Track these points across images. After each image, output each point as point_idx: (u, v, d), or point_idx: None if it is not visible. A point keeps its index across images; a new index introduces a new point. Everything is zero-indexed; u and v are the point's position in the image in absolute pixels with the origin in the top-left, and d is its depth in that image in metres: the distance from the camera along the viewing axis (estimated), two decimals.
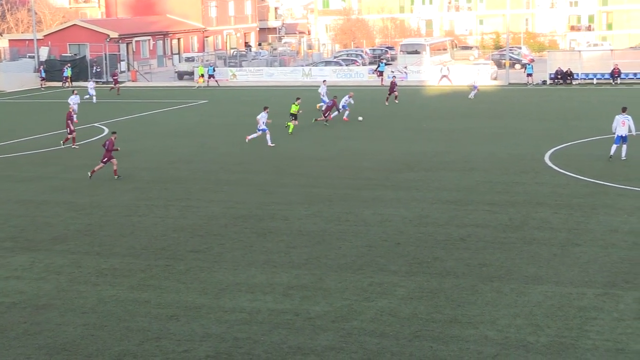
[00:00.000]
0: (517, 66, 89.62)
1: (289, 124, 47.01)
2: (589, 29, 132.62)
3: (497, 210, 27.77)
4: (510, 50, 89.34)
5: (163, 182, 34.27)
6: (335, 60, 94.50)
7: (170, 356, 16.67)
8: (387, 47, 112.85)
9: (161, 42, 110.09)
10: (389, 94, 61.75)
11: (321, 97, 57.13)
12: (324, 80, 62.20)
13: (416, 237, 24.96)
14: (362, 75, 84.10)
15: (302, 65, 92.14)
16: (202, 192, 32.24)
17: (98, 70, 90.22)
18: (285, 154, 40.53)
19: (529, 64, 79.30)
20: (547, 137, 43.15)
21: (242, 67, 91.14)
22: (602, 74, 74.44)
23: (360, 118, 52.34)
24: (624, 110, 36.77)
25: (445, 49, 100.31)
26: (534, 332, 17.35)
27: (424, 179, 33.45)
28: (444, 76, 77.62)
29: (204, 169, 37.07)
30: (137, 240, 25.43)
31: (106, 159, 35.23)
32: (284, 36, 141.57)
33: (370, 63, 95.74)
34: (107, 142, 35.40)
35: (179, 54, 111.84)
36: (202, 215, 28.39)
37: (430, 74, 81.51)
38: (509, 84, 77.21)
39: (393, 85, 62.15)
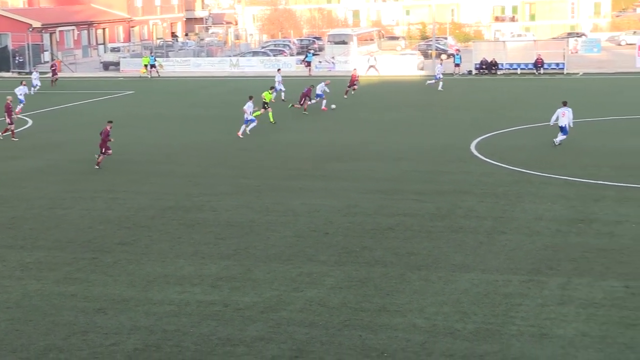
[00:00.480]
0: (444, 56, 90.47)
1: (257, 113, 46.45)
2: (512, 19, 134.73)
3: (424, 200, 28.04)
4: (437, 40, 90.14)
5: (90, 174, 33.81)
6: (262, 50, 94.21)
7: (97, 350, 16.48)
8: (314, 38, 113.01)
9: (86, 32, 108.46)
10: (349, 87, 59.49)
11: (277, 84, 56.96)
12: (279, 69, 61.86)
13: (345, 226, 25.06)
14: (289, 65, 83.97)
15: (230, 56, 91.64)
16: (129, 183, 31.90)
17: (21, 60, 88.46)
18: (213, 145, 40.32)
19: (456, 54, 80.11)
20: (473, 127, 43.68)
21: (168, 57, 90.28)
22: (526, 64, 75.56)
23: (333, 106, 52.36)
24: (564, 103, 37.40)
25: (372, 40, 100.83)
26: (461, 319, 17.58)
27: (352, 169, 33.60)
28: (372, 66, 78.00)
29: (131, 161, 36.67)
30: (62, 233, 25.06)
31: (104, 148, 35.02)
32: (211, 26, 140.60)
33: (298, 53, 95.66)
34: (103, 131, 35.15)
35: (104, 44, 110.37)
36: (129, 207, 28.09)
37: (357, 64, 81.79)
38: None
39: (354, 78, 59.96)
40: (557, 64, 75.35)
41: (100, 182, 32.07)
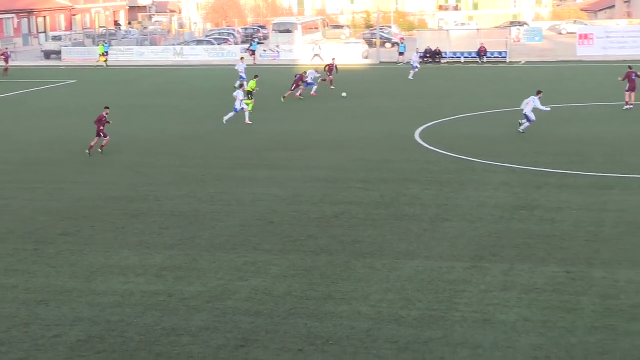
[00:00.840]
0: (388, 45, 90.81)
1: (247, 102, 45.96)
2: (456, 8, 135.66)
3: (369, 188, 28.15)
4: (381, 29, 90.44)
5: (31, 164, 33.38)
6: (207, 39, 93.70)
7: (39, 342, 16.29)
8: (259, 26, 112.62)
9: (26, 20, 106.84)
10: (329, 75, 57.62)
11: (240, 74, 56.69)
12: (242, 58, 61.38)
13: (290, 215, 25.07)
14: (234, 54, 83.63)
15: (174, 45, 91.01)
16: (72, 173, 31.55)
17: None
18: (156, 135, 40.03)
19: (401, 43, 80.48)
20: (417, 115, 43.93)
21: (111, 46, 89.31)
22: (470, 53, 76.22)
23: (344, 94, 52.58)
24: (538, 93, 37.75)
25: (317, 28, 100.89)
26: (406, 306, 17.70)
27: (297, 158, 33.61)
28: (316, 55, 78.02)
29: (74, 151, 36.25)
30: (3, 224, 24.70)
31: (101, 134, 35.08)
32: (154, 15, 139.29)
33: (243, 42, 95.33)
34: (98, 117, 35.20)
35: (45, 32, 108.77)
36: (71, 197, 27.79)
37: (302, 53, 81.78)
38: (380, 62, 78.19)
39: (331, 68, 58.39)
40: (500, 53, 76.08)
41: (42, 173, 31.66)
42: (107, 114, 35.34)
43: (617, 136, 36.56)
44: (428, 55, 76.14)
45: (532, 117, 37.17)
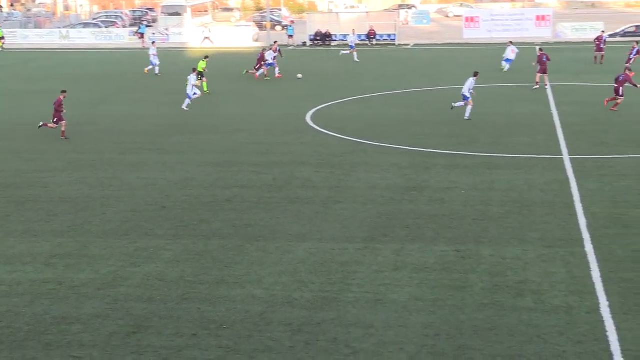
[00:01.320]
0: (278, 28, 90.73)
1: (203, 84, 45.13)
2: None
3: (261, 171, 28.14)
4: (271, 12, 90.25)
5: None
6: (94, 22, 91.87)
7: None
8: (147, 9, 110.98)
9: None
10: (257, 67, 53.82)
11: (151, 58, 55.73)
12: (153, 42, 60.09)
13: (182, 200, 24.87)
14: (122, 37, 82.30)
15: (59, 28, 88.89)
16: None
17: None
18: (45, 120, 39.06)
19: (290, 26, 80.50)
20: (308, 98, 44.07)
21: None
22: (359, 35, 76.73)
23: (299, 75, 52.43)
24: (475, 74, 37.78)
25: (206, 11, 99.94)
26: (299, 288, 17.80)
27: (189, 142, 33.33)
28: (206, 38, 77.40)
29: None
30: None
31: (56, 119, 34.20)
32: None
33: (131, 25, 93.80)
34: (56, 101, 34.27)
35: None
36: None
37: (192, 36, 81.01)
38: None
39: (262, 57, 54.73)
40: (389, 35, 76.92)
41: None
42: (64, 97, 34.61)
43: (502, 117, 37.43)
44: (318, 38, 76.37)
45: (467, 96, 37.19)
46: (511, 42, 56.80)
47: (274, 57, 53.52)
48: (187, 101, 41.36)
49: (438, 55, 65.69)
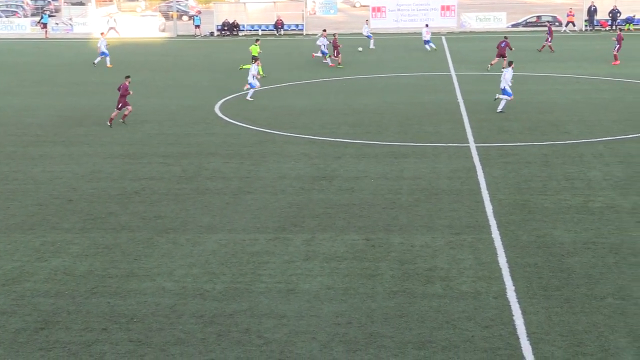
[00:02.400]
0: (185, 18, 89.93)
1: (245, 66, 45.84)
2: None
3: (170, 162, 27.88)
4: (177, 2, 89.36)
5: None
6: None
7: None
8: None
9: None
10: (335, 54, 53.30)
11: (102, 48, 54.34)
12: (102, 32, 58.49)
13: (89, 193, 24.48)
14: (24, 27, 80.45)
15: None
16: None
17: None
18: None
19: (196, 16, 79.84)
20: (216, 88, 43.81)
21: None
22: (267, 25, 76.65)
23: (360, 49, 53.50)
24: (510, 64, 37.42)
25: (111, 0, 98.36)
26: (210, 280, 17.72)
27: (95, 134, 32.80)
28: (111, 28, 76.21)
29: None
30: None
31: (121, 104, 33.74)
32: None
33: (33, 15, 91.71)
34: (121, 86, 33.81)
35: None
36: None
37: (96, 26, 79.62)
38: (178, 35, 77.36)
39: (335, 42, 53.35)
40: (297, 25, 76.98)
41: None
42: (129, 82, 34.28)
43: (410, 106, 37.84)
44: (225, 28, 75.97)
45: (510, 92, 35.98)
46: (427, 25, 61.78)
47: (324, 43, 53.67)
48: (251, 91, 40.71)
49: (346, 44, 65.89)
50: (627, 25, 72.47)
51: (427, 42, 60.08)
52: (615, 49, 51.21)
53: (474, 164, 26.96)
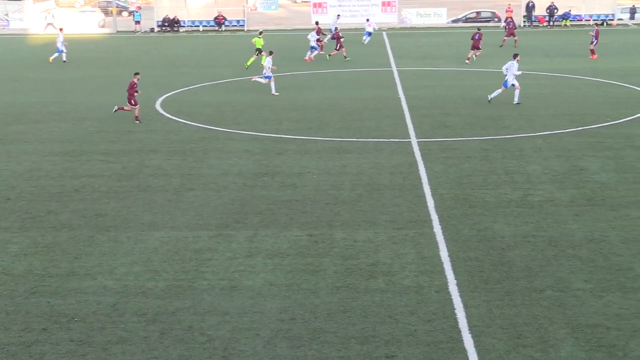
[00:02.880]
0: (125, 13, 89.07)
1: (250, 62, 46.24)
2: None
3: (111, 160, 27.61)
4: None
5: None
6: None
7: None
8: None
9: None
10: (337, 48, 53.57)
11: (59, 44, 53.16)
12: (61, 29, 57.15)
13: (28, 191, 24.14)
14: None
15: None
16: None
17: None
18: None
19: (136, 12, 79.11)
20: (157, 85, 43.44)
21: None
22: (208, 21, 76.25)
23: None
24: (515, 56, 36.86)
25: None
26: (152, 277, 17.60)
27: (33, 131, 32.35)
28: (49, 24, 75.12)
29: None
30: None
31: (133, 101, 33.43)
32: None
33: None
34: (130, 84, 33.69)
35: None
36: None
37: (34, 21, 78.47)
38: (117, 31, 76.59)
39: (338, 35, 54.25)
40: (238, 21, 76.67)
41: None
42: (137, 79, 33.87)
43: (352, 102, 37.95)
44: (166, 24, 75.42)
45: (513, 83, 36.15)
46: (368, 19, 64.12)
47: (317, 39, 53.45)
48: (273, 85, 40.15)
49: (288, 40, 65.89)
50: (564, 21, 73.59)
51: (368, 34, 61.65)
52: (592, 44, 51.80)
53: (416, 159, 27.14)
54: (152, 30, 75.85)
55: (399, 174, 25.43)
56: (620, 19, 75.62)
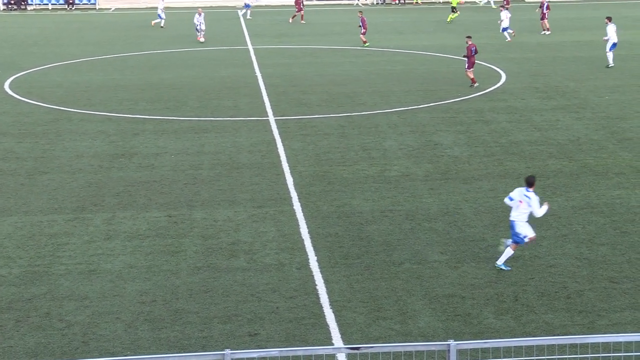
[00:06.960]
0: None
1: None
2: None
3: None
4: None
5: None
6: None
7: None
8: None
9: None
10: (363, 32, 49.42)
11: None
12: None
13: None
14: None
15: None
16: None
17: None
18: None
19: None
20: (5, 65, 41.95)
21: None
22: (57, 0, 74.11)
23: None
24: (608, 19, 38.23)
25: None
26: (6, 264, 17.09)
27: None
28: None
29: None
30: None
31: None
32: None
33: None
34: None
35: None
36: None
37: None
38: None
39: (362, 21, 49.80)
40: (89, 0, 74.81)
41: None
42: None
43: (208, 80, 37.67)
44: (12, 2, 72.84)
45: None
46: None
47: (199, 20, 50.80)
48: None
49: (141, 19, 64.72)
50: None
51: (247, 6, 63.62)
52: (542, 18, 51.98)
53: (274, 137, 27.23)
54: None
55: (257, 153, 25.46)
56: None
